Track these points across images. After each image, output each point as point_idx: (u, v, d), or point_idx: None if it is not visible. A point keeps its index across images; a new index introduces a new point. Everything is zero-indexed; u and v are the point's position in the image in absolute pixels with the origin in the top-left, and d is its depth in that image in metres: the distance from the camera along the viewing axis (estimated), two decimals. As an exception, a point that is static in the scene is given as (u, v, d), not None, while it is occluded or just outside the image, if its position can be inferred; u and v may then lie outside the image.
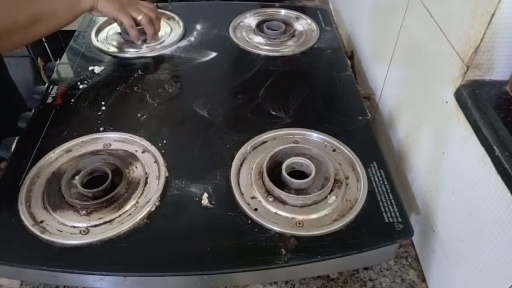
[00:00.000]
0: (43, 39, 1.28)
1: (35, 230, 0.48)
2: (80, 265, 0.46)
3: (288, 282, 0.53)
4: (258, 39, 0.82)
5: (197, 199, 0.52)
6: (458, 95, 0.45)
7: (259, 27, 0.84)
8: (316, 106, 0.67)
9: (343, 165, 0.57)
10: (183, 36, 0.82)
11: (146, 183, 0.54)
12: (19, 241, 0.48)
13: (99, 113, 0.65)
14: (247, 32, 0.85)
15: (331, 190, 0.53)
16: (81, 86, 0.70)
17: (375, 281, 0.53)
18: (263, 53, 0.78)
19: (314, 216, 0.51)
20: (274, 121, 0.63)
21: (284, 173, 0.53)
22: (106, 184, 0.52)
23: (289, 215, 0.51)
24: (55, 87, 0.70)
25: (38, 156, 0.57)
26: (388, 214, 0.51)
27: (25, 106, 0.95)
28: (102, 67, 0.74)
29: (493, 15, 0.38)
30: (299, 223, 0.50)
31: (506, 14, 0.38)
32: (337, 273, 0.54)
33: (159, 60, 0.77)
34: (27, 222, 0.49)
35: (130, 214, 0.51)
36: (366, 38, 0.83)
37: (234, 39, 0.82)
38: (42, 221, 0.50)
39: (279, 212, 0.51)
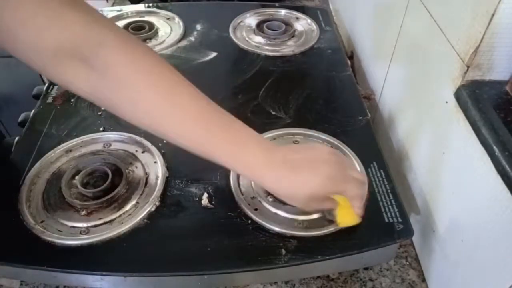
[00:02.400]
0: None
1: (35, 230, 0.48)
2: (80, 265, 0.46)
3: (288, 282, 0.53)
4: (258, 39, 0.82)
5: (197, 199, 0.52)
6: (458, 95, 0.45)
7: (259, 27, 0.84)
8: (316, 106, 0.67)
9: (343, 165, 0.57)
10: (183, 36, 0.82)
11: (146, 183, 0.54)
12: (19, 241, 0.48)
13: (99, 113, 0.64)
14: (247, 32, 0.85)
15: (331, 190, 0.53)
16: (81, 86, 0.70)
17: (375, 281, 0.53)
18: (263, 53, 0.78)
19: (314, 216, 0.51)
20: (274, 121, 0.63)
21: (284, 173, 0.53)
22: (106, 184, 0.52)
23: (289, 215, 0.51)
24: (55, 87, 0.70)
25: (38, 156, 0.57)
26: (388, 214, 0.51)
27: None
28: (102, 67, 0.74)
29: (493, 15, 0.38)
30: (299, 223, 0.50)
31: (506, 14, 0.38)
32: (337, 273, 0.54)
33: (159, 60, 0.77)
34: (27, 222, 0.49)
35: (130, 214, 0.51)
36: (366, 38, 0.83)
37: (234, 39, 0.82)
38: (42, 221, 0.50)
39: (279, 212, 0.51)
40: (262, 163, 0.44)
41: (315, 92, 0.70)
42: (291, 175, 0.43)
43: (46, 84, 0.71)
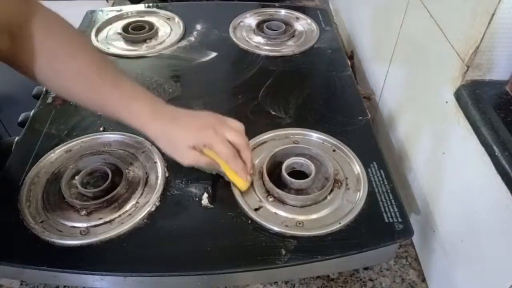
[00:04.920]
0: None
1: (35, 230, 0.48)
2: (80, 265, 0.46)
3: (288, 282, 0.53)
4: (258, 39, 0.82)
5: (197, 199, 0.52)
6: (458, 95, 0.45)
7: (259, 27, 0.84)
8: (316, 106, 0.67)
9: (343, 165, 0.57)
10: (183, 36, 0.82)
11: (146, 183, 0.54)
12: (19, 241, 0.48)
13: (99, 113, 0.64)
14: (247, 32, 0.85)
15: (331, 190, 0.53)
16: (81, 86, 0.70)
17: (375, 281, 0.53)
18: (263, 53, 0.78)
19: (314, 216, 0.51)
20: (274, 121, 0.63)
21: (284, 173, 0.53)
22: (106, 184, 0.52)
23: (289, 215, 0.51)
24: (55, 87, 0.70)
25: (38, 156, 0.57)
26: (388, 214, 0.51)
27: None
28: (102, 67, 0.74)
29: (493, 15, 0.38)
30: (299, 223, 0.50)
31: (506, 14, 0.38)
32: (337, 273, 0.54)
33: (159, 60, 0.77)
34: (27, 222, 0.49)
35: (130, 214, 0.51)
36: (366, 38, 0.83)
37: (234, 39, 0.82)
38: (42, 221, 0.50)
39: (279, 212, 0.51)
40: (148, 114, 0.50)
41: (315, 92, 0.70)
42: (172, 127, 0.50)
43: (46, 84, 0.71)
